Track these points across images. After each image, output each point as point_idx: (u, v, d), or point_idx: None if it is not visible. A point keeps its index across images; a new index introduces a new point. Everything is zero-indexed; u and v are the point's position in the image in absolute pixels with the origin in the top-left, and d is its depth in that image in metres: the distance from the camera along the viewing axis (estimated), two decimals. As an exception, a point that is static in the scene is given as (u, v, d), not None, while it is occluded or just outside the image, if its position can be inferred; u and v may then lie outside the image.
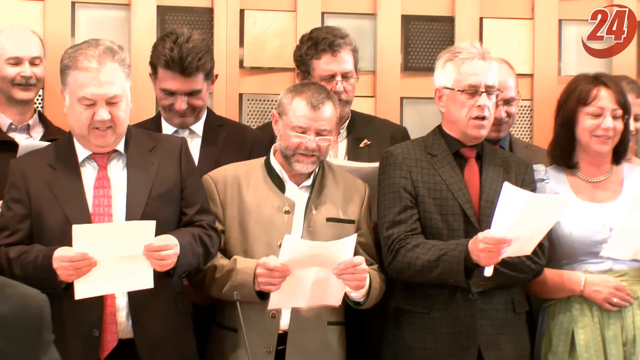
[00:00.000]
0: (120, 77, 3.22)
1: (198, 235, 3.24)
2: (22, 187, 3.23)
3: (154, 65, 3.79)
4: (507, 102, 3.97)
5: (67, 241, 3.04)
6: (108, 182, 3.25)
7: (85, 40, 3.31)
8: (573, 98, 3.57)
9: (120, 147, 3.29)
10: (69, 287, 3.06)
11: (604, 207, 3.54)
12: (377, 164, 3.63)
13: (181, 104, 3.73)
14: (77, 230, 3.00)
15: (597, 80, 3.57)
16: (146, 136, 3.39)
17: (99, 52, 3.20)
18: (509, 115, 3.99)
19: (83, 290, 3.05)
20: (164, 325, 3.26)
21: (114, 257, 3.04)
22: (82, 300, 3.07)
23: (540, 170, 3.63)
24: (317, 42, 3.96)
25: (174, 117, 3.78)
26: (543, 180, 3.60)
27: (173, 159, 3.33)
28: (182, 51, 3.68)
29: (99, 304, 3.15)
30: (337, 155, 3.90)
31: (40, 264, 3.07)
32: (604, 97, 3.53)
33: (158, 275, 3.12)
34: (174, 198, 3.30)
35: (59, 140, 3.40)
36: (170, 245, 3.09)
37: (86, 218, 3.15)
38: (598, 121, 3.52)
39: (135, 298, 3.18)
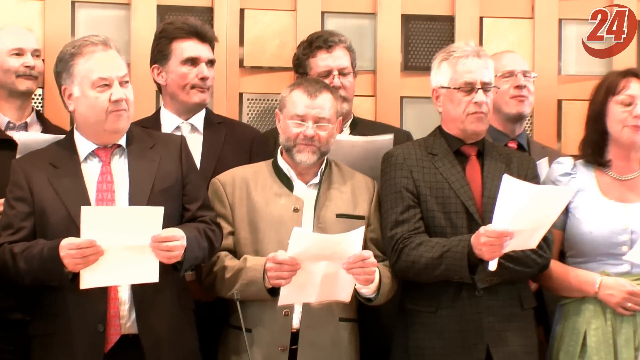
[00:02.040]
0: (123, 61, 3.33)
1: (203, 229, 3.28)
2: (25, 186, 3.26)
3: (165, 47, 3.87)
4: (525, 74, 4.07)
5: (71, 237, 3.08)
6: (111, 177, 3.29)
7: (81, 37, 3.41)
8: (602, 90, 3.57)
9: (122, 142, 3.34)
10: (75, 278, 3.09)
11: (629, 207, 3.53)
12: (385, 137, 3.71)
13: (204, 71, 3.83)
14: (86, 211, 3.03)
15: (627, 72, 3.58)
16: (146, 135, 3.44)
17: (100, 40, 3.31)
18: (528, 90, 4.07)
19: (89, 280, 3.07)
20: (168, 320, 3.28)
21: (121, 248, 3.06)
22: (87, 296, 3.10)
23: (568, 163, 3.62)
24: (311, 41, 4.05)
25: (194, 95, 3.85)
26: (569, 174, 3.59)
27: (174, 156, 3.37)
28: (195, 22, 3.92)
29: (103, 299, 3.18)
30: None
31: (46, 256, 3.10)
32: (634, 86, 3.52)
33: (165, 270, 3.14)
34: (175, 194, 3.33)
35: (60, 139, 3.43)
36: (178, 237, 3.12)
37: None
38: (628, 109, 3.50)
39: (139, 293, 3.20)
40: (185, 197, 3.36)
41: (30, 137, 3.57)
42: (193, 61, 3.83)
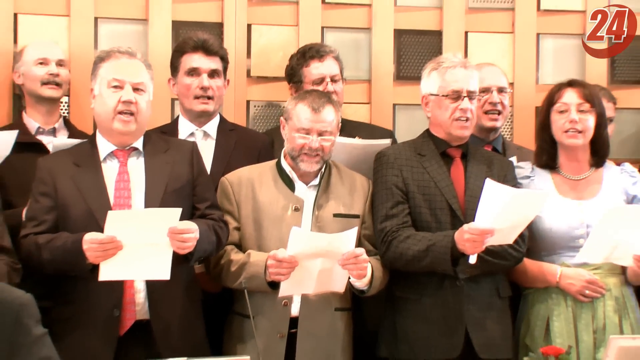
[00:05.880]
0: (145, 72, 3.52)
1: (212, 225, 3.42)
2: (50, 182, 3.40)
3: (176, 60, 4.05)
4: (501, 90, 4.16)
5: (90, 230, 3.24)
6: (128, 176, 3.43)
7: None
8: (545, 102, 3.76)
9: (139, 145, 3.49)
10: (94, 270, 3.23)
11: (583, 204, 3.68)
12: (383, 141, 3.84)
13: (203, 81, 3.98)
14: (112, 215, 3.18)
15: (565, 83, 3.74)
16: (161, 140, 3.60)
17: (127, 50, 3.52)
18: (502, 104, 4.16)
19: (107, 272, 3.22)
20: (178, 309, 3.42)
21: (139, 244, 3.19)
22: (104, 284, 3.23)
23: (527, 167, 3.77)
24: (304, 52, 4.23)
25: (196, 104, 4.01)
26: (529, 177, 3.75)
27: (185, 160, 3.53)
28: (203, 37, 4.06)
29: (119, 286, 3.33)
30: None
31: (69, 248, 3.25)
32: (568, 94, 3.68)
33: (176, 261, 3.26)
34: (186, 194, 3.47)
35: (83, 142, 3.60)
36: (192, 230, 3.26)
37: (107, 210, 3.27)
38: (564, 116, 3.66)
39: (153, 282, 3.33)
40: (195, 197, 3.49)
41: (65, 142, 3.71)
42: (195, 72, 3.99)
